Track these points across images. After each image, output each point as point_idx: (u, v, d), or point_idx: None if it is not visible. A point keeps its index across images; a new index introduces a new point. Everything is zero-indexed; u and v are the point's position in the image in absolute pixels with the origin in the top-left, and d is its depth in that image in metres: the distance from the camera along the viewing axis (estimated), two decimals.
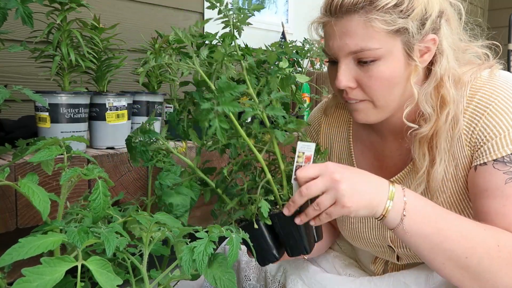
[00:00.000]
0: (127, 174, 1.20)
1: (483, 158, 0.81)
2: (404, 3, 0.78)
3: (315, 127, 1.11)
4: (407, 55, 0.81)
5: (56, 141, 0.76)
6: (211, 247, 0.66)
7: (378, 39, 0.78)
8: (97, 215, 0.67)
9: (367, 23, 0.77)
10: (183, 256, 0.64)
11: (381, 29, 0.77)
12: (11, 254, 0.56)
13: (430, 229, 0.76)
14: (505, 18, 3.61)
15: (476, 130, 0.82)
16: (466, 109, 0.84)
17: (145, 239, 0.68)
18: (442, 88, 0.83)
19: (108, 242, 0.61)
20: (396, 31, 0.78)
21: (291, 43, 2.28)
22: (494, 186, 0.80)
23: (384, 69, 0.80)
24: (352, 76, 0.83)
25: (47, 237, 0.59)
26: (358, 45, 0.79)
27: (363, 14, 0.77)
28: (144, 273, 0.67)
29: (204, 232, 0.68)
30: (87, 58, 1.16)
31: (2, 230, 0.98)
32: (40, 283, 0.53)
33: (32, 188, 0.66)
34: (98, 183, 0.69)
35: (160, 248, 0.80)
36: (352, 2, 0.77)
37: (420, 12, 0.79)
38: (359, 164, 1.02)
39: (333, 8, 0.80)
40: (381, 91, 0.82)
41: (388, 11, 0.77)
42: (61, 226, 0.67)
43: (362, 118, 0.88)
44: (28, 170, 1.00)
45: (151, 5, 2.02)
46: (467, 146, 0.84)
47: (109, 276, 0.57)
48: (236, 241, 0.68)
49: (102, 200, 0.68)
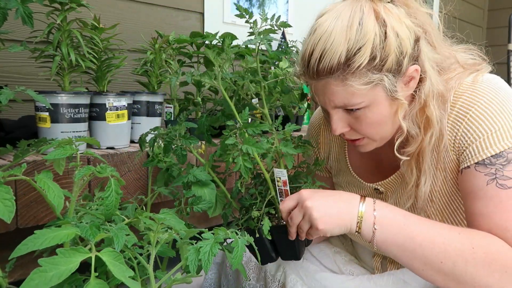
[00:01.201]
0: (127, 174, 1.20)
1: (466, 162, 0.84)
2: (376, 57, 0.78)
3: (315, 128, 1.16)
4: (391, 97, 0.82)
5: (70, 141, 0.79)
6: (217, 248, 0.67)
7: (359, 95, 0.81)
8: (109, 212, 0.70)
9: (345, 84, 0.79)
10: (189, 256, 0.65)
11: (358, 89, 0.79)
12: (27, 245, 0.58)
13: (402, 238, 0.79)
14: (505, 18, 3.62)
15: (458, 135, 0.85)
16: (450, 115, 0.86)
17: (152, 240, 0.69)
18: (427, 109, 0.85)
19: (117, 238, 0.63)
20: (375, 85, 0.80)
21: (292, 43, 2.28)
22: (477, 188, 0.82)
23: (371, 115, 0.84)
24: (345, 123, 0.87)
25: (61, 230, 0.61)
26: (341, 102, 0.83)
27: (339, 78, 0.79)
28: (150, 272, 0.68)
29: (210, 233, 0.69)
30: (87, 58, 1.16)
31: (2, 230, 0.98)
32: (56, 273, 0.54)
33: (48, 184, 0.68)
34: (110, 181, 0.71)
35: (167, 249, 0.81)
36: (326, 69, 0.79)
37: (394, 57, 0.79)
38: (354, 166, 1.07)
39: (309, 71, 0.82)
40: (373, 131, 0.87)
41: (363, 72, 0.78)
42: (73, 222, 0.69)
43: (364, 149, 0.93)
44: (28, 170, 1.00)
45: (151, 5, 2.02)
46: (451, 151, 0.87)
47: (121, 268, 0.59)
48: (241, 243, 0.69)
49: (114, 198, 0.70)
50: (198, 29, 2.23)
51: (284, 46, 2.29)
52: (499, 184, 0.80)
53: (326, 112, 0.89)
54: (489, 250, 0.77)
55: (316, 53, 0.80)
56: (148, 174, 1.24)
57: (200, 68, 1.63)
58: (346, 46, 0.77)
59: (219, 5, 2.36)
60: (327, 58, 0.78)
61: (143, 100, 1.38)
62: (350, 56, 0.77)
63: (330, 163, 1.13)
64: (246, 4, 2.52)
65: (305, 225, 0.85)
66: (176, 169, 1.09)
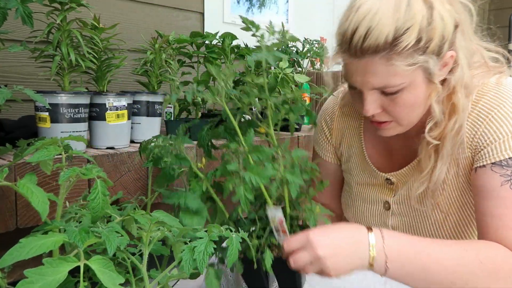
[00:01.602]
0: (127, 174, 1.20)
1: (482, 161, 0.85)
2: (422, 39, 0.78)
3: (329, 114, 1.14)
4: (428, 80, 0.83)
5: (55, 141, 0.76)
6: (211, 247, 0.66)
7: (400, 76, 0.80)
8: (96, 214, 0.67)
9: (389, 64, 0.78)
10: (183, 256, 0.64)
11: (402, 69, 0.79)
12: (12, 255, 0.56)
13: (413, 268, 0.80)
14: (505, 18, 3.61)
15: (478, 134, 0.86)
16: (470, 113, 0.87)
17: (145, 239, 0.68)
18: (454, 96, 0.85)
19: (110, 242, 0.62)
20: (418, 66, 0.80)
21: (292, 39, 2.28)
22: (490, 188, 0.83)
23: (408, 97, 0.83)
24: (378, 104, 0.86)
25: (48, 237, 0.59)
26: (381, 82, 0.81)
27: (384, 56, 0.78)
28: (144, 272, 0.67)
29: (204, 231, 0.68)
30: (87, 58, 1.16)
31: (2, 230, 0.98)
32: (43, 284, 0.53)
33: (30, 189, 0.65)
34: (96, 183, 0.69)
35: (160, 248, 0.80)
36: (371, 47, 0.77)
37: (438, 41, 0.79)
38: (369, 154, 1.06)
39: (352, 49, 0.80)
40: (406, 114, 0.87)
41: (409, 53, 0.78)
42: (61, 226, 0.67)
43: (386, 134, 0.93)
44: (28, 170, 1.00)
45: (151, 5, 2.02)
46: (468, 148, 0.88)
47: (111, 275, 0.58)
48: (236, 241, 0.68)
49: (101, 199, 0.68)
50: (198, 29, 2.23)
51: (284, 46, 2.29)
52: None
53: (358, 94, 0.88)
54: (496, 261, 0.79)
55: (361, 30, 0.78)
56: (148, 174, 1.23)
57: (200, 68, 1.63)
58: (394, 26, 0.76)
59: (219, 5, 2.36)
60: (373, 36, 0.77)
61: (143, 100, 1.38)
62: (397, 36, 0.76)
63: (342, 149, 1.13)
64: (246, 4, 2.52)
65: (313, 270, 0.82)
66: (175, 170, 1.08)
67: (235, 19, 2.45)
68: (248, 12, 2.54)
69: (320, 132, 1.16)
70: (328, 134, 1.15)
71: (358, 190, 1.09)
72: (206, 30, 2.23)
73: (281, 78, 1.60)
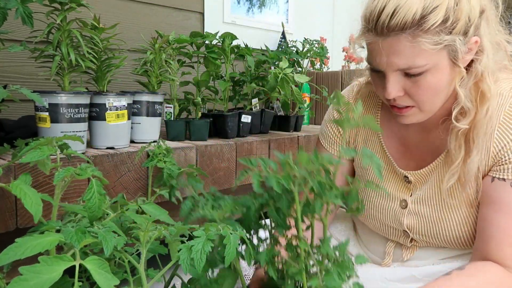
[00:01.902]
0: (127, 174, 1.20)
1: (504, 174, 0.86)
2: (449, 18, 0.78)
3: None
4: (453, 63, 0.83)
5: (50, 140, 0.76)
6: (209, 246, 0.65)
7: (425, 57, 0.80)
8: (93, 214, 0.67)
9: (414, 43, 0.79)
10: (181, 255, 0.64)
11: (428, 48, 0.79)
12: (8, 254, 0.56)
13: None
14: None
15: (505, 149, 0.86)
16: (502, 124, 0.87)
17: (142, 239, 0.67)
18: (482, 83, 0.85)
19: (106, 242, 0.61)
20: (444, 46, 0.80)
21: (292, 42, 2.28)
22: (504, 202, 0.85)
23: (431, 80, 0.83)
24: (401, 87, 0.85)
25: (44, 237, 0.59)
26: (406, 63, 0.81)
27: (410, 36, 0.78)
28: (141, 272, 0.67)
29: (201, 230, 0.68)
30: (87, 58, 1.16)
31: (2, 230, 0.98)
32: (37, 282, 0.52)
33: (23, 190, 0.65)
34: (92, 183, 0.68)
35: (158, 247, 0.80)
36: (399, 24, 0.78)
37: (464, 23, 0.80)
38: (388, 146, 1.05)
39: (378, 27, 0.80)
40: (428, 98, 0.86)
41: (435, 31, 0.78)
42: (57, 226, 0.66)
43: (407, 121, 0.92)
44: (27, 170, 1.00)
45: (151, 5, 2.02)
46: (492, 158, 0.88)
47: (106, 276, 0.57)
48: (234, 239, 0.67)
49: (97, 199, 0.67)
50: (198, 29, 2.23)
51: (284, 46, 2.29)
52: None
53: (381, 77, 0.88)
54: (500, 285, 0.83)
55: (389, 8, 0.78)
56: (148, 174, 1.23)
57: (200, 68, 1.63)
58: (422, 4, 0.77)
59: (219, 5, 2.36)
60: (401, 13, 0.77)
61: (143, 100, 1.38)
62: (425, 14, 0.77)
63: (356, 144, 1.11)
64: (246, 4, 2.52)
65: None
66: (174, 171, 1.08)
67: (235, 19, 2.45)
68: (249, 12, 2.54)
69: (331, 125, 1.13)
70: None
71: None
72: (206, 30, 2.23)
73: (281, 78, 1.60)
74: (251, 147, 1.54)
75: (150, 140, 1.40)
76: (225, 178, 1.45)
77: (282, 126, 1.90)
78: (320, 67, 2.44)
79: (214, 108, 1.75)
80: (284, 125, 1.90)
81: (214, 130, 1.62)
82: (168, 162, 1.20)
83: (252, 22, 2.54)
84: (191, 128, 1.50)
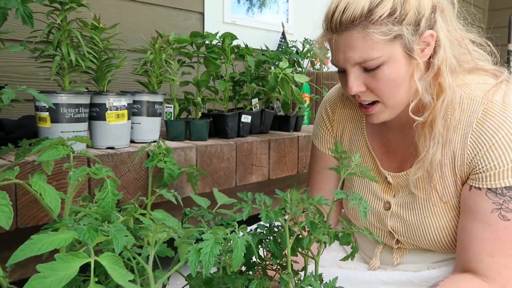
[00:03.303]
0: (127, 174, 1.20)
1: (479, 183, 0.88)
2: (396, 11, 0.84)
3: (331, 104, 1.16)
4: (408, 55, 0.87)
5: (62, 141, 0.77)
6: (217, 248, 0.66)
7: (378, 49, 0.85)
8: (106, 213, 0.69)
9: (366, 37, 0.84)
10: (189, 257, 0.65)
11: (379, 40, 0.84)
12: (24, 250, 0.57)
13: None
14: (505, 18, 3.61)
15: (479, 156, 0.88)
16: (475, 131, 0.88)
17: (151, 240, 0.68)
18: (440, 77, 0.89)
19: (117, 240, 0.62)
20: (393, 38, 0.84)
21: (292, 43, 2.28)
22: (481, 211, 0.87)
23: (389, 72, 0.87)
24: (361, 82, 0.90)
25: (59, 234, 0.60)
26: (361, 57, 0.86)
27: (360, 29, 0.84)
28: (149, 272, 0.67)
29: (209, 233, 0.69)
30: (87, 58, 1.16)
31: (2, 230, 0.98)
32: (55, 279, 0.53)
33: (43, 186, 0.67)
34: (106, 182, 0.70)
35: (165, 249, 0.81)
36: (349, 19, 0.84)
37: (413, 15, 0.84)
38: (372, 145, 1.07)
39: (333, 25, 0.87)
40: (389, 91, 0.89)
41: (383, 22, 0.83)
42: (70, 224, 0.68)
43: (375, 119, 0.95)
44: (29, 170, 1.00)
45: (151, 5, 2.02)
46: (467, 165, 0.90)
47: (121, 272, 0.58)
48: (241, 243, 0.69)
49: (111, 199, 0.69)
50: (198, 29, 2.23)
51: (284, 46, 2.29)
52: (501, 215, 0.84)
53: (344, 74, 0.92)
54: None
55: (341, 6, 0.86)
56: (148, 174, 1.24)
57: (200, 68, 1.63)
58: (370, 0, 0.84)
59: (219, 5, 2.36)
60: (350, 9, 0.84)
61: (143, 100, 1.38)
62: (372, 7, 0.83)
63: (343, 141, 1.13)
64: (246, 4, 2.52)
65: None
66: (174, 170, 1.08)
67: (235, 19, 2.45)
68: (249, 12, 2.54)
69: (321, 123, 1.16)
70: (328, 124, 1.15)
71: (358, 184, 1.09)
72: (206, 30, 2.23)
73: (281, 78, 1.60)
74: (251, 147, 1.54)
75: (150, 140, 1.40)
76: (225, 178, 1.45)
77: (282, 126, 1.91)
78: (320, 67, 2.44)
79: (214, 108, 1.75)
80: (284, 125, 1.90)
81: (214, 130, 1.62)
82: (168, 162, 1.20)
83: (252, 22, 2.54)
84: (191, 128, 1.50)
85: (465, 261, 0.88)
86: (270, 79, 1.62)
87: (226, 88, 1.63)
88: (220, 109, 1.73)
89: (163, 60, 1.42)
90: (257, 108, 1.76)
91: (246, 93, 1.73)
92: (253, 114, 1.69)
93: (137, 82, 1.52)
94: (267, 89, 1.65)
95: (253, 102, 1.75)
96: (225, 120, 1.57)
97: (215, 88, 1.68)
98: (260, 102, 1.79)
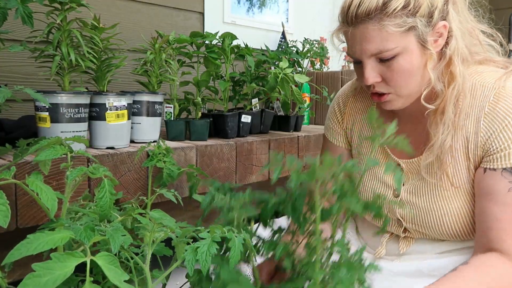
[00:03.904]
0: (127, 174, 1.20)
1: (494, 164, 0.89)
2: (410, 3, 0.87)
3: (343, 98, 1.19)
4: (422, 46, 0.90)
5: (59, 140, 0.77)
6: (214, 248, 0.66)
7: (393, 40, 0.88)
8: (104, 213, 0.69)
9: (381, 29, 0.87)
10: (186, 256, 0.65)
11: (394, 31, 0.87)
12: (20, 250, 0.57)
13: None
14: (505, 18, 3.61)
15: (492, 137, 0.89)
16: (488, 114, 0.90)
17: (148, 240, 0.68)
18: (451, 66, 0.92)
19: (114, 240, 0.62)
20: (408, 29, 0.87)
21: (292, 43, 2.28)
22: (497, 192, 0.88)
23: (403, 63, 0.90)
24: (377, 73, 0.93)
25: (55, 234, 0.60)
26: (377, 48, 0.89)
27: (376, 21, 0.87)
28: (147, 272, 0.67)
29: (206, 232, 0.68)
30: (87, 58, 1.16)
31: (2, 230, 0.98)
32: (50, 278, 0.53)
33: (40, 186, 0.66)
34: (104, 182, 0.70)
35: (163, 248, 0.81)
36: (365, 12, 0.88)
37: (426, 7, 0.87)
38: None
39: (349, 18, 0.90)
40: (403, 81, 0.92)
41: (398, 15, 0.87)
42: (66, 224, 0.68)
43: (388, 106, 0.98)
44: (27, 170, 1.00)
45: (151, 5, 2.02)
46: (480, 148, 0.92)
47: (116, 271, 0.58)
48: (238, 242, 0.68)
49: (108, 198, 0.70)
50: (198, 29, 2.23)
51: (284, 46, 2.29)
52: None
53: (360, 67, 0.95)
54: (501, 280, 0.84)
55: (356, 0, 0.89)
56: (148, 174, 1.24)
57: (200, 68, 1.63)
58: None
59: (219, 5, 2.36)
60: (366, 2, 0.87)
61: (143, 100, 1.38)
62: (387, 0, 0.86)
63: (352, 133, 1.16)
64: (246, 4, 2.52)
65: None
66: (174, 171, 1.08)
67: (235, 19, 2.45)
68: (249, 12, 2.54)
69: (332, 116, 1.20)
70: (340, 117, 1.18)
71: (367, 173, 1.10)
72: (206, 30, 2.23)
73: (281, 78, 1.60)
74: (251, 147, 1.54)
75: (150, 140, 1.40)
76: (225, 178, 1.45)
77: (282, 126, 1.91)
78: (320, 67, 2.44)
79: (214, 108, 1.75)
80: (284, 125, 1.90)
81: (214, 130, 1.62)
82: (168, 162, 1.20)
83: (252, 22, 2.54)
84: (191, 128, 1.50)
85: (487, 242, 0.89)
86: (270, 79, 1.62)
87: (226, 88, 1.63)
88: (220, 109, 1.73)
89: (163, 60, 1.42)
90: (257, 108, 1.76)
91: (246, 93, 1.73)
92: (253, 114, 1.69)
93: (137, 82, 1.52)
94: (267, 89, 1.65)
95: (253, 102, 1.75)
96: (225, 120, 1.57)
97: (215, 88, 1.68)
98: (260, 102, 1.79)
